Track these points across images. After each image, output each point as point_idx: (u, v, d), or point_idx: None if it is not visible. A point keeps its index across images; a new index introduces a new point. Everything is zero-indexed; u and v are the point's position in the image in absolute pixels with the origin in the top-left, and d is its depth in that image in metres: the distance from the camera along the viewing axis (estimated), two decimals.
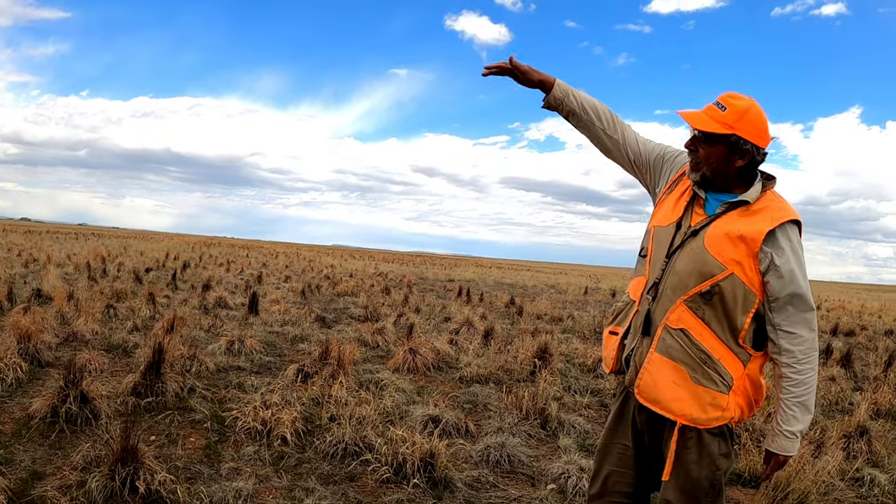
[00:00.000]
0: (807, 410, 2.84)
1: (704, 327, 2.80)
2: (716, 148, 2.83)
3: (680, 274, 2.85)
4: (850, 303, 44.48)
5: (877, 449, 6.78)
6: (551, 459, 6.00)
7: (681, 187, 3.06)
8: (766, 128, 2.84)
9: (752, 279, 2.75)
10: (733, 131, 2.77)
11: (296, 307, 15.27)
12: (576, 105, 3.25)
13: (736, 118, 2.78)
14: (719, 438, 2.88)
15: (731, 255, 2.75)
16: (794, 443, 2.87)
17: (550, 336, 12.14)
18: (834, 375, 10.91)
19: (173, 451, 5.32)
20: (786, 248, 2.75)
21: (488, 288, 31.65)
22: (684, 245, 2.88)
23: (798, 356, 2.79)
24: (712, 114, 2.82)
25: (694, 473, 2.86)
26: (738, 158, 2.83)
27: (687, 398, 2.80)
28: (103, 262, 25.66)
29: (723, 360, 2.79)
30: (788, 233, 2.78)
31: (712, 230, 2.83)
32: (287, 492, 4.83)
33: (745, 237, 2.74)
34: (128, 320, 11.09)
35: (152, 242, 60.99)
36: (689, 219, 2.95)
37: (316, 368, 7.96)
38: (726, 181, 2.90)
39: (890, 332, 22.12)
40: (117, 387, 6.65)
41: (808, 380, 2.81)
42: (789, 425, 2.84)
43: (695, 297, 2.80)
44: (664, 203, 3.10)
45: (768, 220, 2.76)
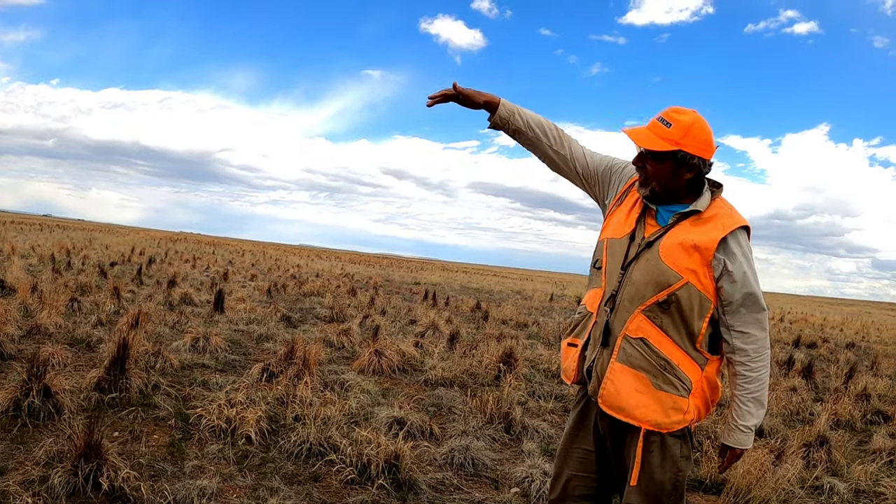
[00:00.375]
0: (760, 405, 2.96)
1: (663, 335, 2.87)
2: (663, 164, 2.91)
3: (637, 285, 2.91)
4: (813, 316, 45.00)
5: (836, 458, 6.89)
6: (515, 463, 6.03)
7: (630, 199, 3.13)
8: (710, 140, 2.92)
9: (706, 286, 2.84)
10: (679, 147, 2.85)
11: (262, 306, 15.22)
12: (521, 123, 3.30)
13: (681, 134, 2.85)
14: (681, 441, 2.95)
15: (686, 265, 2.83)
16: (749, 436, 2.98)
17: (515, 341, 12.19)
18: (795, 386, 11.08)
19: (137, 448, 5.29)
20: (737, 253, 2.84)
21: (454, 292, 31.69)
22: (639, 256, 2.95)
23: (751, 354, 2.90)
24: (658, 131, 2.89)
25: (657, 476, 2.93)
26: (686, 172, 2.91)
27: (650, 404, 2.86)
28: (68, 254, 25.42)
29: (682, 366, 2.86)
30: (739, 239, 2.87)
31: (666, 241, 2.90)
32: (251, 491, 4.82)
33: (699, 246, 2.82)
34: (92, 314, 10.98)
35: (118, 236, 60.46)
36: (643, 230, 3.01)
37: (281, 368, 7.94)
38: (675, 193, 2.97)
39: (851, 344, 22.41)
40: (81, 381, 6.59)
41: (762, 377, 2.93)
42: (744, 420, 2.96)
43: (652, 306, 2.87)
44: (615, 215, 3.17)
45: (720, 228, 2.85)
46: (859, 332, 32.06)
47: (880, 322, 49.67)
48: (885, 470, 6.77)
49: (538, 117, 3.32)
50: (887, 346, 23.98)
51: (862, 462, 6.82)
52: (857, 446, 7.85)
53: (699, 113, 2.93)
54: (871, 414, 9.53)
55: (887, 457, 7.16)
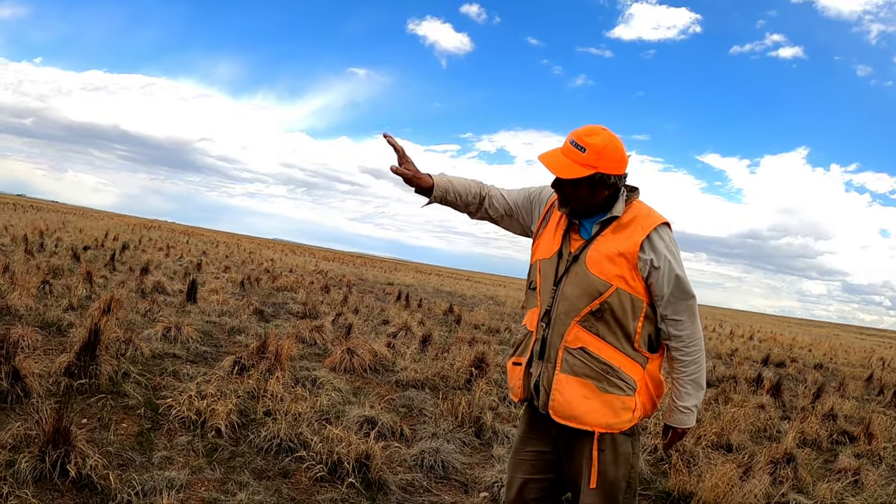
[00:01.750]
0: (699, 387, 3.14)
1: (600, 341, 2.98)
2: (582, 188, 2.99)
3: (570, 298, 3.01)
4: (783, 335, 45.28)
5: (802, 476, 6.94)
6: (485, 468, 6.04)
7: (554, 219, 3.24)
8: (623, 156, 3.02)
9: (635, 287, 2.97)
10: (596, 170, 2.92)
11: (234, 298, 15.15)
12: (454, 196, 3.36)
13: (596, 158, 2.93)
14: (631, 438, 3.08)
15: (614, 272, 2.96)
16: (690, 416, 3.17)
17: (487, 346, 12.21)
18: (763, 403, 11.14)
19: (105, 436, 5.24)
20: (660, 248, 2.97)
21: (427, 294, 31.69)
22: (569, 271, 3.06)
23: (685, 339, 3.06)
24: (573, 157, 2.96)
25: (611, 475, 3.03)
26: (604, 190, 3.02)
27: (599, 408, 2.96)
28: (41, 236, 25.20)
29: (623, 368, 2.98)
30: (661, 234, 3.00)
31: (592, 252, 3.02)
32: (220, 484, 4.79)
33: (624, 253, 2.95)
34: (64, 298, 10.87)
35: (92, 220, 59.96)
36: (569, 245, 3.11)
37: (253, 362, 7.91)
38: (596, 207, 3.06)
39: (819, 365, 22.57)
40: (50, 366, 6.52)
41: (698, 359, 3.10)
42: (683, 401, 3.15)
43: (586, 316, 2.97)
44: (542, 237, 3.28)
45: (640, 230, 2.98)
46: (827, 353, 32.30)
47: (848, 344, 50.11)
48: (850, 489, 6.81)
49: (466, 186, 3.38)
50: (854, 368, 24.16)
51: (828, 480, 6.87)
52: (822, 465, 7.91)
53: (608, 129, 3.00)
54: (837, 434, 9.59)
55: (852, 476, 7.21)
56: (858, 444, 9.22)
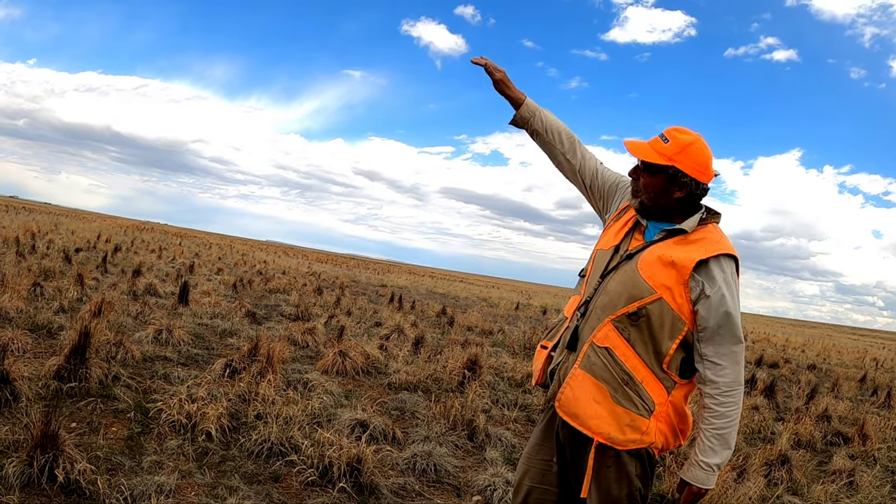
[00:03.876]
0: (726, 445, 2.86)
1: (629, 348, 2.83)
2: (655, 178, 2.92)
3: (611, 294, 2.91)
4: (776, 336, 45.40)
5: (797, 478, 6.94)
6: (477, 471, 6.00)
7: (627, 215, 3.14)
8: (708, 164, 2.91)
9: (681, 306, 2.80)
10: (672, 163, 2.86)
11: (227, 300, 15.09)
12: (540, 126, 3.34)
13: (677, 151, 2.87)
14: (637, 461, 2.90)
15: (662, 280, 2.81)
16: (710, 476, 2.88)
17: (480, 348, 12.16)
18: (757, 405, 11.14)
19: (95, 440, 5.19)
20: (718, 278, 2.79)
21: (420, 296, 31.64)
22: (619, 267, 2.95)
23: (722, 388, 2.83)
24: (655, 145, 2.92)
25: (614, 492, 2.90)
26: (677, 190, 2.91)
27: (605, 416, 2.83)
28: (33, 238, 25.08)
29: (645, 383, 2.83)
30: (723, 265, 2.82)
31: (646, 255, 2.90)
32: (210, 489, 4.75)
33: (677, 263, 2.80)
34: (54, 300, 10.84)
35: (84, 222, 59.82)
36: (628, 243, 3.02)
37: (244, 364, 7.86)
38: (666, 211, 2.97)
39: (812, 366, 22.63)
40: (40, 369, 6.48)
41: (731, 413, 2.84)
42: (706, 457, 2.87)
43: (622, 317, 2.85)
44: (610, 229, 3.18)
45: (702, 251, 2.81)
46: (821, 354, 32.39)
47: (841, 345, 50.27)
48: (845, 490, 6.81)
49: (558, 124, 3.38)
50: (848, 368, 24.22)
51: (822, 482, 6.88)
52: (817, 466, 7.90)
53: (703, 138, 2.93)
54: (831, 435, 9.60)
55: (847, 478, 7.21)
56: (853, 445, 9.23)
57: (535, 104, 3.35)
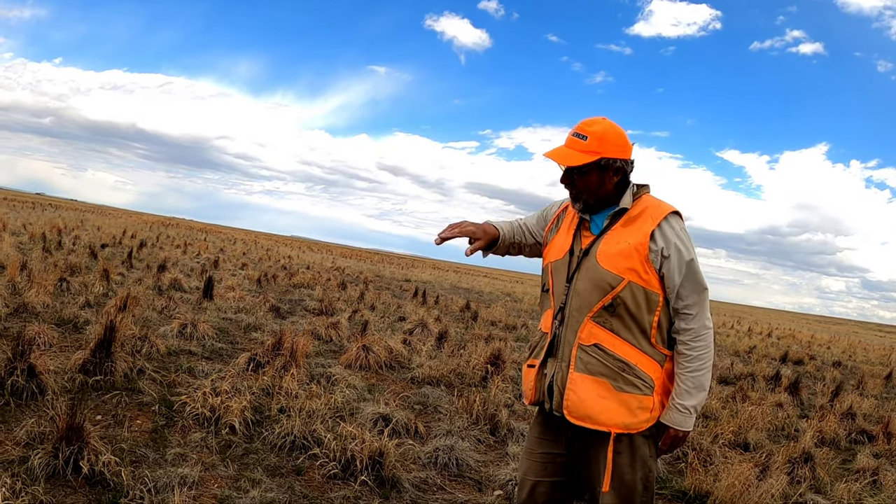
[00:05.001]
0: (700, 387, 2.97)
1: (616, 337, 2.92)
2: (590, 176, 3.01)
3: (582, 294, 2.98)
4: (801, 332, 45.08)
5: (820, 476, 6.87)
6: (499, 466, 6.01)
7: (566, 221, 3.25)
8: (626, 140, 3.03)
9: (649, 280, 2.91)
10: (600, 155, 2.95)
11: (251, 295, 15.17)
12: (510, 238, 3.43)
13: (598, 143, 2.95)
14: (649, 440, 3.00)
15: (625, 265, 2.91)
16: (687, 418, 2.98)
17: (504, 343, 12.16)
18: (781, 401, 11.05)
19: (119, 433, 5.24)
20: (671, 237, 2.92)
21: (444, 291, 31.68)
22: (580, 267, 3.03)
23: (692, 333, 2.95)
24: (576, 146, 2.99)
25: (628, 477, 2.96)
26: (612, 176, 3.02)
27: (615, 407, 2.89)
28: (59, 234, 25.30)
29: (640, 365, 2.92)
30: (671, 223, 2.96)
31: (602, 247, 2.99)
32: (233, 481, 4.78)
33: (634, 245, 2.91)
34: (80, 295, 10.94)
35: (110, 218, 60.25)
36: (580, 243, 3.10)
37: (268, 358, 7.90)
38: (607, 200, 3.05)
39: (838, 363, 22.43)
40: (66, 363, 6.55)
41: (703, 355, 2.96)
42: (682, 399, 2.97)
43: (600, 311, 2.93)
44: (554, 241, 3.27)
45: (649, 221, 2.95)
46: (846, 350, 32.11)
47: (867, 342, 49.75)
48: (868, 490, 6.74)
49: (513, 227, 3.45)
50: (874, 366, 24.00)
51: (846, 480, 6.80)
52: (841, 464, 7.82)
53: (609, 118, 3.04)
54: (855, 433, 9.51)
55: (871, 476, 7.13)
56: (877, 443, 9.14)
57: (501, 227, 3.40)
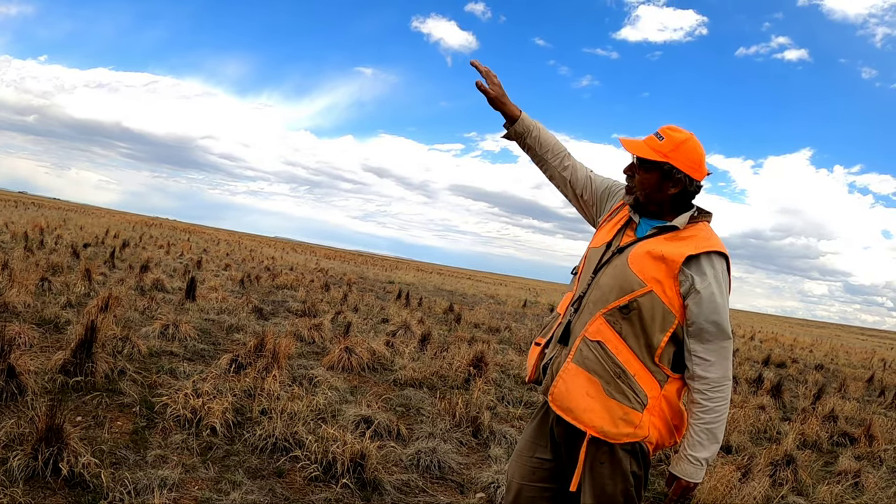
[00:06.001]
0: (714, 439, 2.91)
1: (621, 341, 2.88)
2: (650, 175, 2.99)
3: (603, 288, 2.96)
4: (784, 336, 45.24)
5: (802, 478, 6.92)
6: (481, 468, 6.01)
7: (620, 214, 3.21)
8: (701, 161, 2.99)
9: (671, 300, 2.86)
10: (667, 160, 2.93)
11: (234, 296, 15.11)
12: (535, 142, 3.41)
13: (671, 148, 2.94)
14: (631, 456, 2.93)
15: (652, 273, 2.87)
16: (699, 470, 2.92)
17: (487, 346, 12.17)
18: (764, 404, 11.10)
19: (99, 434, 5.21)
20: (708, 274, 2.85)
21: (428, 293, 31.66)
22: (610, 261, 3.01)
23: (710, 384, 2.87)
24: (650, 143, 2.99)
25: (609, 489, 2.93)
26: (671, 186, 2.98)
27: (598, 410, 2.87)
28: (41, 233, 25.13)
29: (637, 377, 2.86)
30: (713, 261, 2.87)
31: (637, 249, 2.96)
32: (213, 483, 4.76)
33: (667, 257, 2.85)
34: (62, 295, 10.87)
35: (93, 217, 59.93)
36: (620, 239, 3.08)
37: (250, 360, 7.88)
38: (660, 208, 3.05)
39: (820, 366, 22.54)
40: (46, 363, 6.51)
41: (719, 408, 2.89)
42: (694, 451, 2.91)
43: (613, 310, 2.90)
44: (602, 228, 3.25)
45: (692, 247, 2.87)
46: (828, 354, 32.28)
47: (849, 345, 50.04)
48: (850, 492, 6.79)
49: (550, 138, 3.43)
50: (855, 369, 24.13)
51: (828, 483, 6.85)
52: (823, 467, 7.86)
53: (695, 136, 2.98)
54: (837, 435, 9.57)
55: (853, 479, 7.17)
56: (859, 445, 9.20)
57: (531, 119, 3.39)
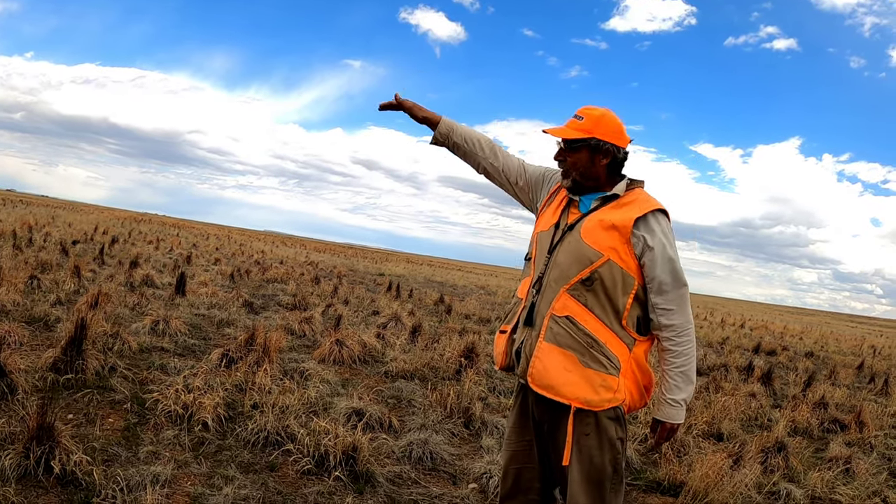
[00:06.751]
0: (688, 380, 3.10)
1: (588, 313, 3.00)
2: (581, 153, 3.16)
3: (561, 266, 3.07)
4: (774, 323, 45.41)
5: (793, 465, 6.93)
6: (474, 459, 6.02)
7: (558, 197, 3.34)
8: (622, 129, 3.18)
9: (628, 263, 3.01)
10: (592, 135, 3.11)
11: (224, 291, 15.09)
12: (460, 139, 3.57)
13: (592, 124, 3.13)
14: (615, 423, 3.05)
15: (607, 243, 3.02)
16: (678, 410, 3.10)
17: (478, 336, 12.19)
18: (754, 392, 11.15)
19: (91, 432, 5.20)
20: (656, 230, 3.03)
21: (418, 284, 31.67)
22: (563, 240, 3.13)
23: (676, 329, 3.05)
24: (573, 125, 3.17)
25: (597, 459, 3.02)
26: (602, 158, 3.15)
27: (579, 382, 2.97)
28: (30, 230, 24.99)
29: (608, 344, 2.99)
30: (658, 218, 3.06)
31: (587, 223, 3.10)
32: (206, 479, 4.75)
33: (617, 225, 3.02)
34: (51, 293, 10.85)
35: (82, 214, 59.76)
36: (566, 218, 3.21)
37: (241, 354, 7.88)
38: (596, 182, 3.20)
39: (810, 353, 22.63)
40: (36, 361, 6.48)
41: (687, 351, 3.08)
42: (672, 394, 3.10)
43: (576, 284, 3.02)
44: (544, 213, 3.38)
45: (637, 209, 3.05)
46: (818, 341, 32.42)
47: (839, 333, 50.26)
48: (842, 478, 6.81)
49: (475, 133, 3.62)
50: (845, 356, 24.27)
51: (819, 469, 6.86)
52: (814, 453, 7.88)
53: (611, 110, 3.19)
54: (828, 422, 9.60)
55: (843, 465, 7.20)
56: (849, 432, 9.24)
57: (451, 120, 3.57)
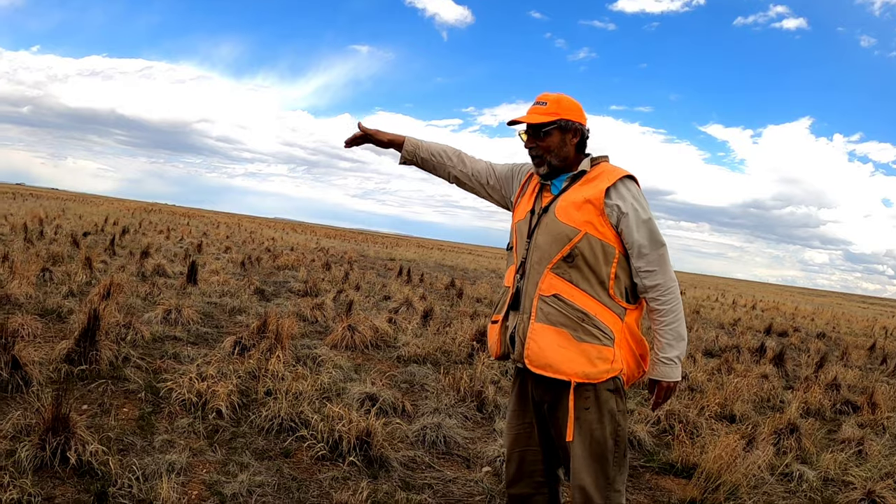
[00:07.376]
0: (679, 337, 3.18)
1: (574, 288, 3.09)
2: (552, 137, 3.26)
3: (542, 247, 3.16)
4: (785, 305, 45.25)
5: (806, 446, 6.92)
6: (487, 442, 6.04)
7: (531, 185, 3.44)
8: (581, 108, 3.32)
9: (605, 234, 3.09)
10: (559, 116, 3.23)
11: (235, 278, 15.13)
12: (426, 154, 3.68)
13: (556, 107, 3.25)
14: (615, 395, 3.11)
15: (582, 218, 3.10)
16: (674, 369, 3.19)
17: (489, 320, 12.18)
18: (766, 373, 11.15)
19: (106, 422, 5.22)
20: (627, 196, 3.11)
21: (429, 269, 31.68)
22: (540, 222, 3.25)
23: (661, 289, 3.14)
24: (539, 111, 3.27)
25: (598, 433, 3.07)
26: (572, 137, 3.28)
27: (575, 357, 3.02)
28: (41, 223, 25.05)
29: (599, 316, 3.07)
30: (627, 184, 3.16)
31: (560, 202, 3.20)
32: (221, 466, 4.78)
33: (590, 199, 3.10)
34: (63, 285, 10.87)
35: (92, 206, 59.88)
36: (540, 203, 3.29)
37: (253, 341, 7.91)
38: (565, 162, 3.29)
39: (822, 334, 22.57)
40: (50, 353, 6.51)
41: (674, 308, 3.16)
42: (665, 352, 3.18)
43: (559, 262, 3.09)
44: (520, 203, 3.46)
45: (606, 180, 3.14)
46: (830, 322, 32.29)
47: (851, 314, 50.02)
48: (854, 459, 6.79)
49: (440, 146, 3.77)
50: (857, 337, 24.18)
51: (831, 451, 6.84)
52: (826, 435, 7.88)
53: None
54: (840, 403, 9.59)
55: (856, 446, 7.19)
56: (862, 413, 9.22)
57: (415, 138, 3.69)
